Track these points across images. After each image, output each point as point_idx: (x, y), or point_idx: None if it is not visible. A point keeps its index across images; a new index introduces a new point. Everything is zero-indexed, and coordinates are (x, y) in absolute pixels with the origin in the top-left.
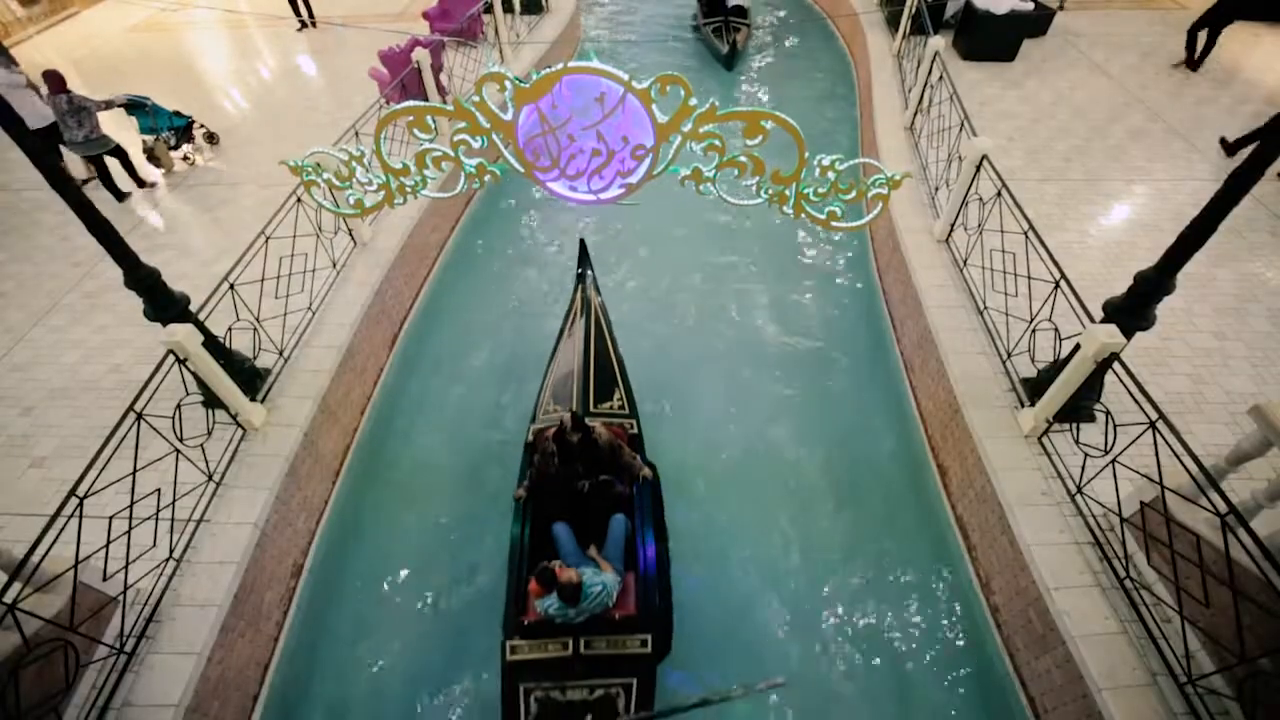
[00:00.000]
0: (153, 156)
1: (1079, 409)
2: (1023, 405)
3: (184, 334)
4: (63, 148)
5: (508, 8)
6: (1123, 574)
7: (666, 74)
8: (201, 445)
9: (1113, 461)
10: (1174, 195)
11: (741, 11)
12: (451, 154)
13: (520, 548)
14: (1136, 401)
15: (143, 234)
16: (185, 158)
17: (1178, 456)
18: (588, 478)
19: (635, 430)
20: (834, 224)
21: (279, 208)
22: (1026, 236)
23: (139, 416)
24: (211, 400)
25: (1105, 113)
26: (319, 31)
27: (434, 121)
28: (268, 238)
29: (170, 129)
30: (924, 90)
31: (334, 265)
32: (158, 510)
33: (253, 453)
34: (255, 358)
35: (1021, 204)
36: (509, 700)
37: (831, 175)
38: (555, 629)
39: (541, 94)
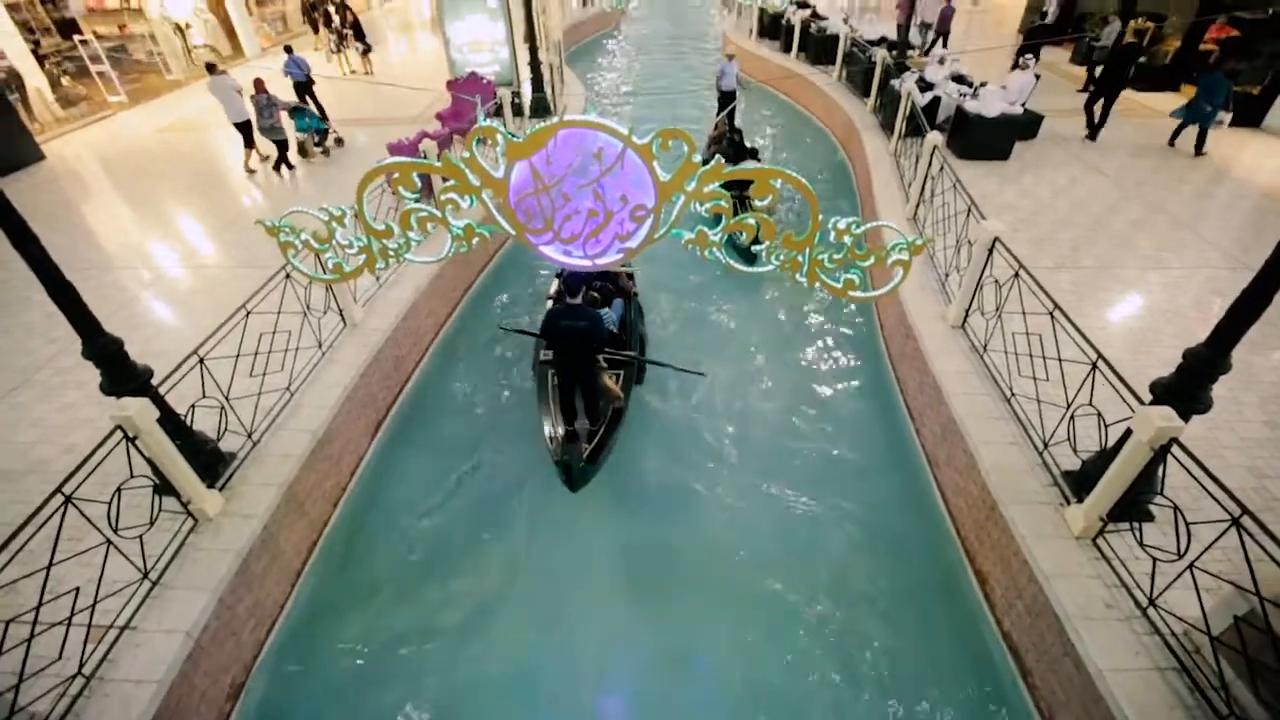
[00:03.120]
0: (302, 148)
1: (1137, 505)
2: (1068, 501)
3: (137, 409)
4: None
5: (517, 111)
6: (1225, 711)
7: (669, 128)
8: (140, 536)
9: (1190, 567)
10: (1189, 283)
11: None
12: (438, 214)
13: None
14: (1211, 495)
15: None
16: (324, 151)
17: (1274, 559)
18: (598, 279)
19: (630, 271)
20: (851, 294)
21: (264, 282)
22: (1052, 316)
23: (67, 500)
24: (165, 486)
25: (1105, 206)
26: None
27: (421, 181)
28: (249, 312)
29: (314, 130)
30: (925, 181)
31: (320, 346)
32: (72, 614)
33: (201, 547)
34: (219, 439)
35: (1034, 294)
36: (541, 384)
37: (847, 239)
38: None
39: (535, 149)
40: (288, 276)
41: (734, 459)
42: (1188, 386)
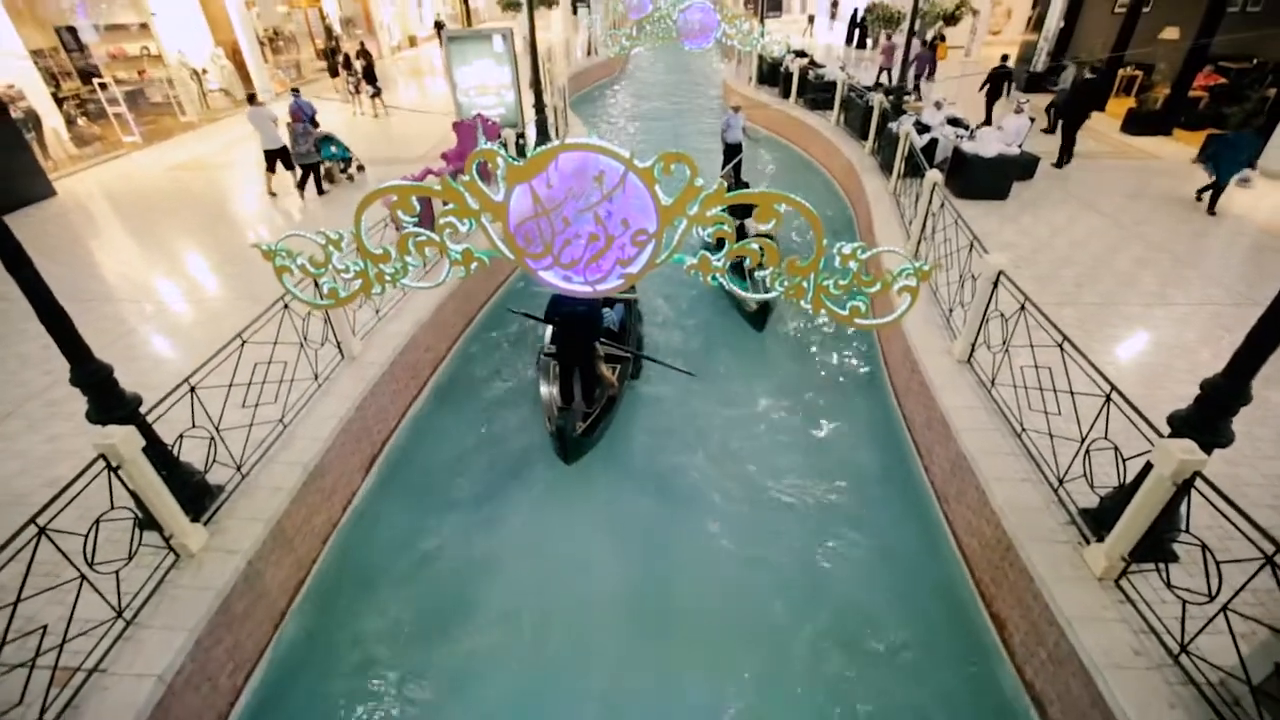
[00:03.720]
0: (329, 173)
1: (1160, 544)
2: (1087, 541)
3: (121, 436)
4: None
5: (520, 151)
6: None
7: (670, 151)
8: (117, 572)
9: (1223, 610)
10: (1195, 318)
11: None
12: (436, 238)
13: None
14: (1241, 531)
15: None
16: (349, 177)
17: None
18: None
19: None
20: (857, 321)
21: (262, 312)
22: (1062, 349)
23: (41, 531)
24: (147, 519)
25: (1105, 245)
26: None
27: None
28: (244, 341)
29: (340, 159)
30: (925, 219)
31: (315, 378)
32: (37, 654)
33: (180, 584)
34: (207, 471)
35: (1041, 327)
36: (544, 372)
37: (853, 265)
38: None
39: (535, 173)
40: (286, 307)
41: (733, 484)
42: (1207, 418)
